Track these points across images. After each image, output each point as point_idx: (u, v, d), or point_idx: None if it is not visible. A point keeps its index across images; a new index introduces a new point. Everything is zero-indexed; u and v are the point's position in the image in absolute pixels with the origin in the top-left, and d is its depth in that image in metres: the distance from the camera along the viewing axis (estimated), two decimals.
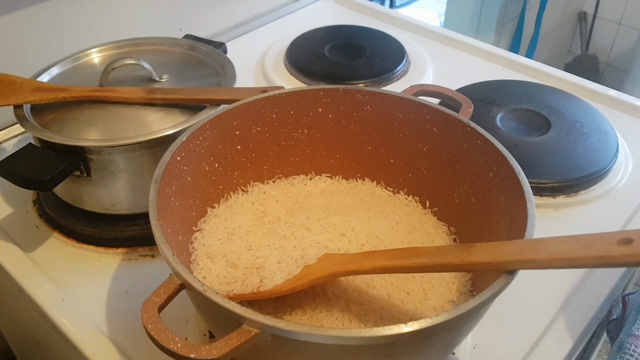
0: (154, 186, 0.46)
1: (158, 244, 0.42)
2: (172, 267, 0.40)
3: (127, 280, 0.60)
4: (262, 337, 0.37)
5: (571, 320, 0.57)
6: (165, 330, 0.37)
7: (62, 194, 0.66)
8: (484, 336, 0.54)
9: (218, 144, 0.56)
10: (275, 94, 0.58)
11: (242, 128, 0.58)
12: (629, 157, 0.77)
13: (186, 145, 0.52)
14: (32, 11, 0.78)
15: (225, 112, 0.56)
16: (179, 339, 0.37)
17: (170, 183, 0.49)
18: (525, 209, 0.45)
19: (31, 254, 0.63)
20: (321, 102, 0.60)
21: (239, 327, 0.37)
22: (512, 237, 0.45)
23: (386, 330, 0.36)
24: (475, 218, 0.54)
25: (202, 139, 0.54)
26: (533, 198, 0.45)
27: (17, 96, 0.64)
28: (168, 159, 0.49)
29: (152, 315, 0.38)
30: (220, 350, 0.36)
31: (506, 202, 0.49)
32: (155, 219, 0.43)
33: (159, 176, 0.47)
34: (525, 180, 0.47)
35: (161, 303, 0.39)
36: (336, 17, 1.12)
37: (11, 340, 0.89)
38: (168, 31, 0.96)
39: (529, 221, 0.43)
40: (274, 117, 0.59)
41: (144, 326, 0.38)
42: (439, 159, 0.57)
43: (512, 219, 0.47)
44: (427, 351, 0.42)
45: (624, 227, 0.67)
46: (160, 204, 0.46)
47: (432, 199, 0.60)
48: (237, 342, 0.36)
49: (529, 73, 0.94)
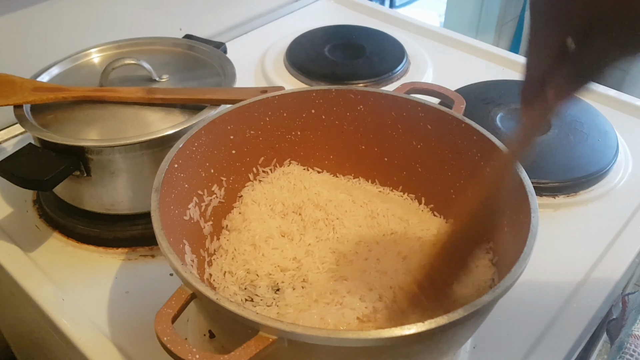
0: (155, 195, 0.46)
1: (165, 254, 0.41)
2: (182, 277, 0.39)
3: (127, 280, 0.60)
4: (280, 343, 0.36)
5: (571, 320, 0.56)
6: (182, 342, 0.37)
7: (62, 194, 0.66)
8: (484, 336, 0.54)
9: (213, 150, 0.56)
10: (268, 97, 0.58)
11: (236, 132, 0.58)
12: (629, 157, 0.77)
13: (183, 152, 0.52)
14: (32, 11, 0.78)
15: (219, 117, 0.56)
16: (196, 350, 0.36)
17: (169, 191, 0.49)
18: (526, 203, 0.45)
19: (31, 254, 0.63)
20: (314, 103, 0.60)
21: (255, 334, 0.36)
22: (514, 230, 0.45)
23: (403, 331, 0.35)
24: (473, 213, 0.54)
25: (197, 145, 0.54)
26: (533, 190, 0.46)
27: (16, 96, 0.64)
28: (166, 167, 0.49)
29: (167, 327, 0.37)
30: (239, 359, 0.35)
31: (505, 196, 0.49)
32: (160, 228, 0.43)
33: (159, 185, 0.47)
34: (525, 173, 0.47)
35: (174, 314, 0.39)
36: (336, 17, 1.12)
37: (11, 340, 0.89)
38: (168, 31, 0.95)
39: (532, 214, 0.44)
40: (267, 120, 0.59)
41: (158, 339, 0.37)
42: (434, 156, 0.58)
43: (512, 213, 0.47)
44: (442, 347, 0.42)
45: (624, 227, 0.67)
46: (162, 214, 0.45)
47: (428, 196, 0.60)
48: (255, 350, 0.35)
49: None
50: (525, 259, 0.41)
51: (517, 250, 0.42)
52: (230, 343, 0.37)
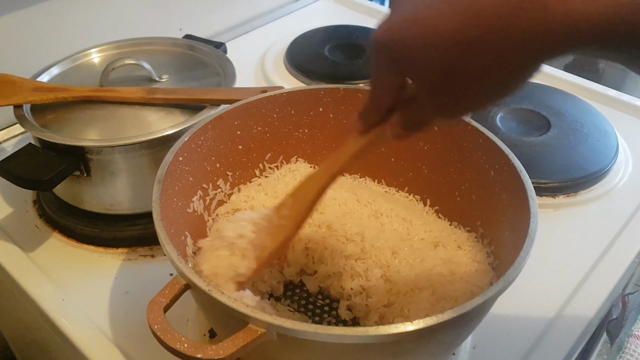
0: (157, 187, 0.46)
1: (162, 244, 0.42)
2: (177, 267, 0.40)
3: (127, 280, 0.60)
4: (268, 337, 0.37)
5: (571, 320, 0.56)
6: (171, 330, 0.37)
7: (62, 194, 0.66)
8: (484, 336, 0.54)
9: (220, 144, 0.56)
10: (277, 94, 0.59)
11: (243, 128, 0.58)
12: (629, 157, 0.77)
13: (188, 146, 0.52)
14: (32, 11, 0.78)
15: (226, 112, 0.56)
16: (185, 339, 0.37)
17: (173, 184, 0.49)
18: (527, 207, 0.45)
19: (31, 254, 0.63)
20: (322, 101, 0.60)
21: (245, 326, 0.37)
22: (515, 235, 0.45)
23: (392, 329, 0.36)
24: (477, 216, 0.54)
25: (203, 139, 0.54)
26: (535, 196, 0.46)
27: (16, 96, 0.64)
28: (170, 159, 0.49)
29: (158, 316, 0.38)
30: (227, 350, 0.36)
31: (508, 200, 0.49)
32: (159, 219, 0.43)
33: (162, 176, 0.47)
34: (527, 178, 0.47)
35: (166, 303, 0.39)
36: (336, 17, 1.12)
37: (11, 340, 0.89)
38: (168, 31, 0.95)
39: (531, 219, 0.44)
40: (275, 116, 0.59)
41: (150, 326, 0.38)
42: (440, 157, 0.58)
43: (514, 217, 0.47)
44: (432, 349, 0.42)
45: (624, 227, 0.67)
46: (163, 205, 0.45)
47: (433, 198, 0.60)
48: (243, 342, 0.36)
49: None
50: (520, 263, 0.41)
51: (515, 254, 0.42)
52: (224, 335, 0.37)
